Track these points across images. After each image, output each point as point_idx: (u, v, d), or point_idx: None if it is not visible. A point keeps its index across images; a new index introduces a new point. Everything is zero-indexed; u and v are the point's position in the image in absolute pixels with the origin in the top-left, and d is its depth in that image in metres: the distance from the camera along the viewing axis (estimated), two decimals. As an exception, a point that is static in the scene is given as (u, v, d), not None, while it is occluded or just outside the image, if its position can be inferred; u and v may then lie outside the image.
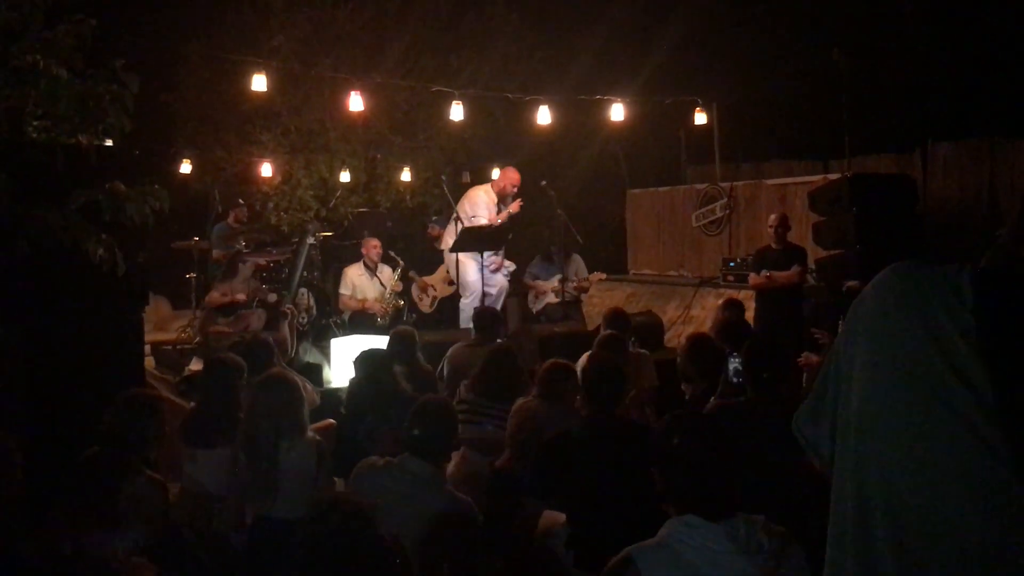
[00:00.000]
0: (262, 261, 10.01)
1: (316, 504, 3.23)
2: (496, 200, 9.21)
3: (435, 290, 10.00)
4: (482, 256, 8.57)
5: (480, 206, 9.09)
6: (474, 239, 8.52)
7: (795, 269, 8.64)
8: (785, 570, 2.42)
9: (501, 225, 8.58)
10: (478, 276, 8.75)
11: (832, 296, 8.70)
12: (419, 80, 11.57)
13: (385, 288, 9.62)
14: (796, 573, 2.44)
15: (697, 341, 5.27)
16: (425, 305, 10.04)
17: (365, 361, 5.52)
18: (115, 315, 5.56)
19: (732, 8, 13.72)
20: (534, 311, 10.51)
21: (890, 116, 12.53)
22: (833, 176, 10.32)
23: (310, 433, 4.50)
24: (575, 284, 10.67)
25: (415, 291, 10.06)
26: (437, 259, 10.19)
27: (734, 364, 4.59)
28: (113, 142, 5.60)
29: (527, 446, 4.65)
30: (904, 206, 9.28)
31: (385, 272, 9.74)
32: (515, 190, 9.22)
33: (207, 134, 12.84)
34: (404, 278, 9.89)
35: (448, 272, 10.00)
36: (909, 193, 9.48)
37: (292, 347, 7.86)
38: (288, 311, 8.39)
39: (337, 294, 10.24)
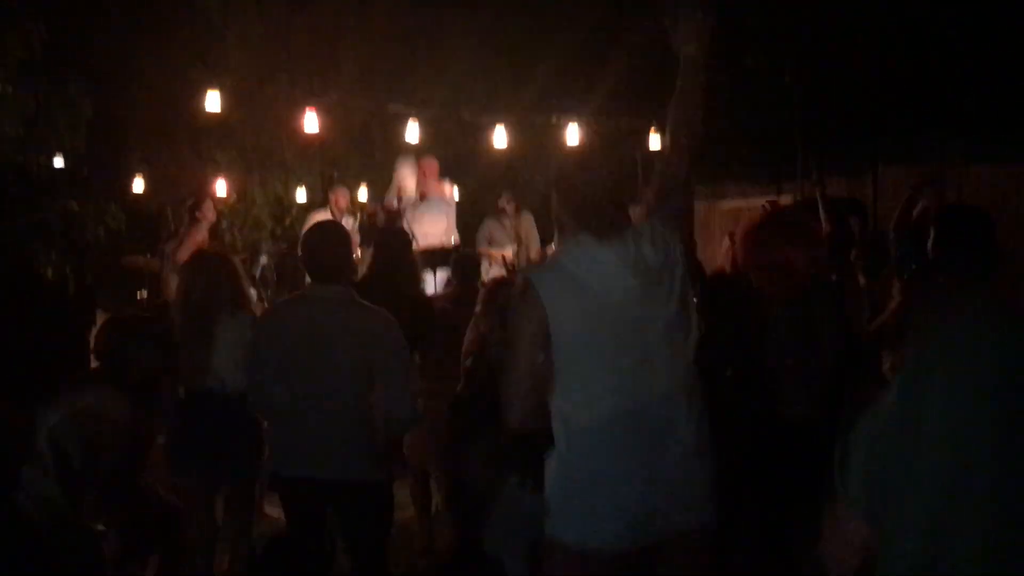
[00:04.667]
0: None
1: None
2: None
3: None
4: (435, 273, 8.60)
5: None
6: (426, 259, 8.60)
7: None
8: (669, 281, 2.61)
9: (455, 245, 8.69)
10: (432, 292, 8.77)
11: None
12: (375, 98, 11.55)
13: None
14: (679, 284, 2.63)
15: None
16: None
17: (386, 245, 5.40)
18: (61, 335, 5.48)
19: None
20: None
21: (842, 140, 12.71)
22: (786, 200, 10.43)
23: (251, 310, 4.36)
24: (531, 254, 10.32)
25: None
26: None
27: None
28: (64, 160, 5.53)
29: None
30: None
31: (348, 223, 9.70)
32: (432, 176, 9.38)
33: (161, 150, 12.68)
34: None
35: None
36: (860, 217, 9.59)
37: None
38: None
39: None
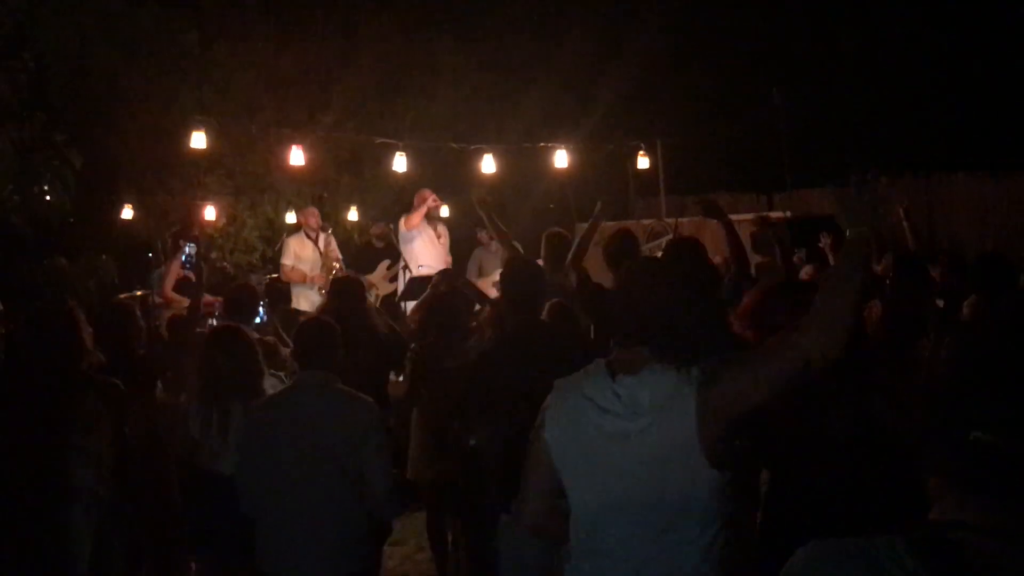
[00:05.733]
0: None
1: None
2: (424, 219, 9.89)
3: (377, 288, 10.08)
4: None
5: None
6: (421, 288, 8.59)
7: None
8: (660, 424, 2.39)
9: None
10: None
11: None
12: (364, 124, 11.56)
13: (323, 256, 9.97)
14: (675, 423, 2.38)
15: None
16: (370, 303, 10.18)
17: (338, 289, 5.51)
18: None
19: (674, 51, 13.89)
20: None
21: (830, 151, 12.76)
22: (776, 215, 10.46)
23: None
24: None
25: None
26: (375, 257, 10.51)
27: None
28: (51, 213, 5.47)
29: None
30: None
31: (322, 239, 10.12)
32: (437, 204, 9.88)
33: (150, 178, 12.65)
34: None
35: (388, 269, 10.32)
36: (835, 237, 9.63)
37: None
38: None
39: (279, 334, 10.14)
